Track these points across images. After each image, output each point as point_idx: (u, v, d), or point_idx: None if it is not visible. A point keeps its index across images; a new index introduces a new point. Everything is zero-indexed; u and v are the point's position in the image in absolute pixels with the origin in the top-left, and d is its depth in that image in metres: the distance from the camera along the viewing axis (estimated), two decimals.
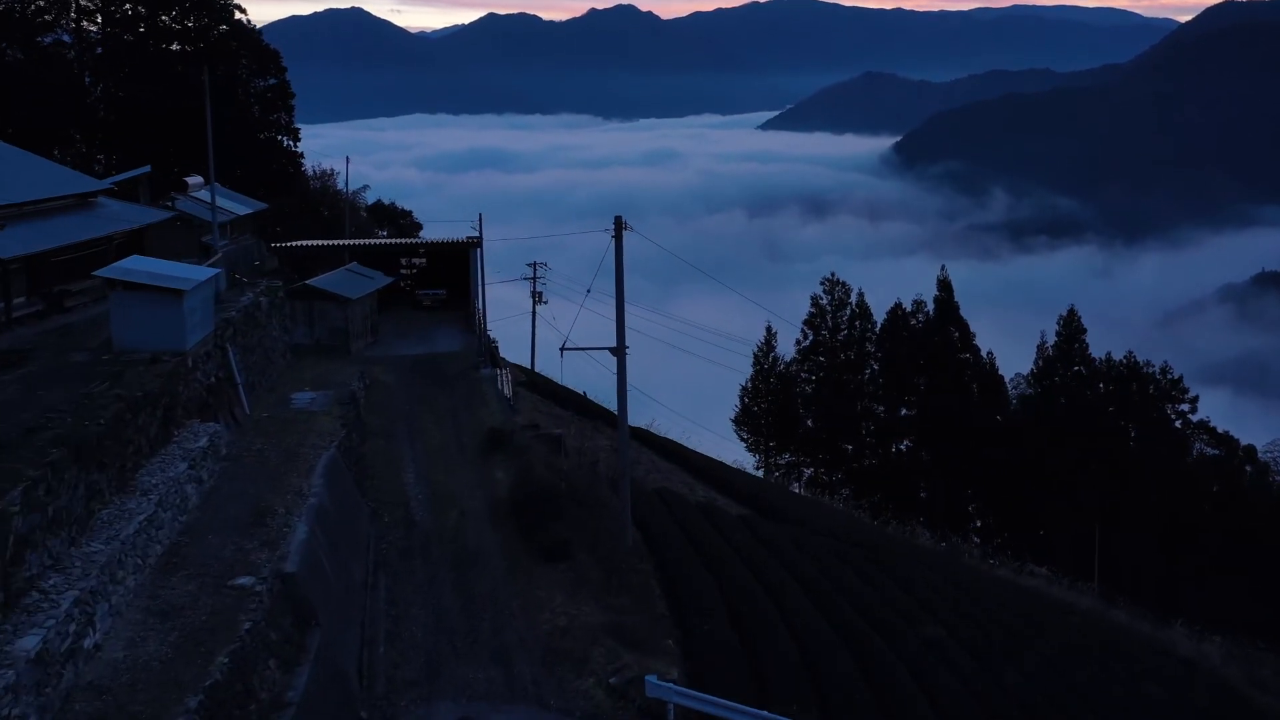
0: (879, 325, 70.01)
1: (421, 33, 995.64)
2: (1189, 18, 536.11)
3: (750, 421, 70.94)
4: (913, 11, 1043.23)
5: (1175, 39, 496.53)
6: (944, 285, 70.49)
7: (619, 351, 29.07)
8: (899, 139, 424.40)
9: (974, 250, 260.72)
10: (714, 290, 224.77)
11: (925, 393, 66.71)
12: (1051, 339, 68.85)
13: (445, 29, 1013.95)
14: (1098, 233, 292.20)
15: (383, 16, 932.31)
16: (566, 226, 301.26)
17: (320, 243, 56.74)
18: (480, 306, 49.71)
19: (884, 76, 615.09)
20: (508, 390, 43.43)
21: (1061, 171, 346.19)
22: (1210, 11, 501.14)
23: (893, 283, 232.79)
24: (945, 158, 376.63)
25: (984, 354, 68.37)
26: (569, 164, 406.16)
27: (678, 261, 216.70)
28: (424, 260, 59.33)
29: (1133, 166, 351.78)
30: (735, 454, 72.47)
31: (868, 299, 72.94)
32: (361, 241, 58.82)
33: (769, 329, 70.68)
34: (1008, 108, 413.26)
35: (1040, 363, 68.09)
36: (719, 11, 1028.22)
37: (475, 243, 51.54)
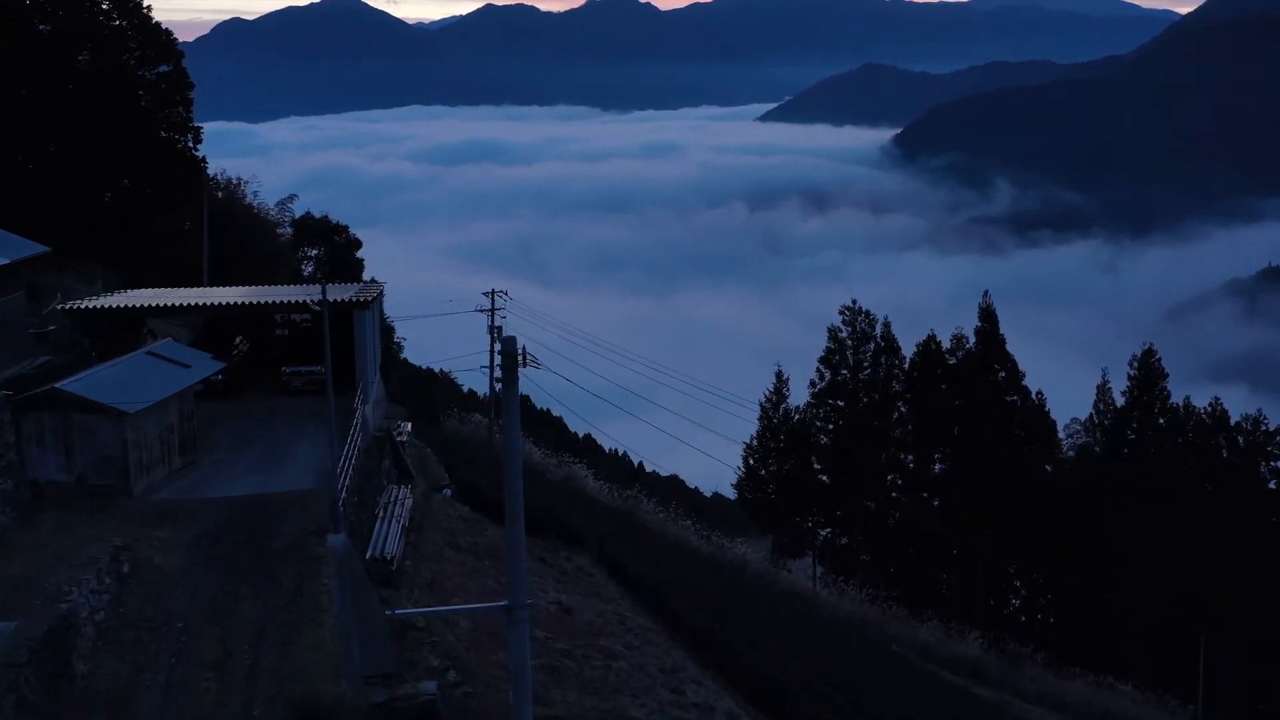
0: (907, 359, 59.45)
1: (419, 23, 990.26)
2: (1189, 9, 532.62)
3: (756, 488, 61.20)
4: (911, 3, 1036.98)
5: (1177, 30, 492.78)
6: (987, 315, 59.70)
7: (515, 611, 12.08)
8: (899, 131, 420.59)
9: (977, 244, 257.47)
10: (715, 284, 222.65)
11: (963, 442, 56.10)
12: (1119, 380, 58.02)
13: (443, 20, 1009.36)
14: (1101, 226, 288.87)
15: (380, 7, 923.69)
16: (564, 219, 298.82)
17: (136, 299, 38.47)
18: (363, 401, 34.24)
19: (883, 68, 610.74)
20: (390, 546, 27.78)
21: (1064, 164, 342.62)
22: (1213, 3, 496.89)
23: (896, 278, 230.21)
24: (946, 150, 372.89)
25: (1034, 394, 58.08)
26: (566, 156, 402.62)
27: (677, 256, 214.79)
28: (308, 320, 40.61)
29: (1136, 159, 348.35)
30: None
31: (869, 291, 68.02)
32: (207, 295, 40.34)
33: (779, 375, 59.59)
34: (1009, 99, 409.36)
35: (1101, 406, 58.18)
36: (717, 2, 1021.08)
37: (362, 303, 36.20)
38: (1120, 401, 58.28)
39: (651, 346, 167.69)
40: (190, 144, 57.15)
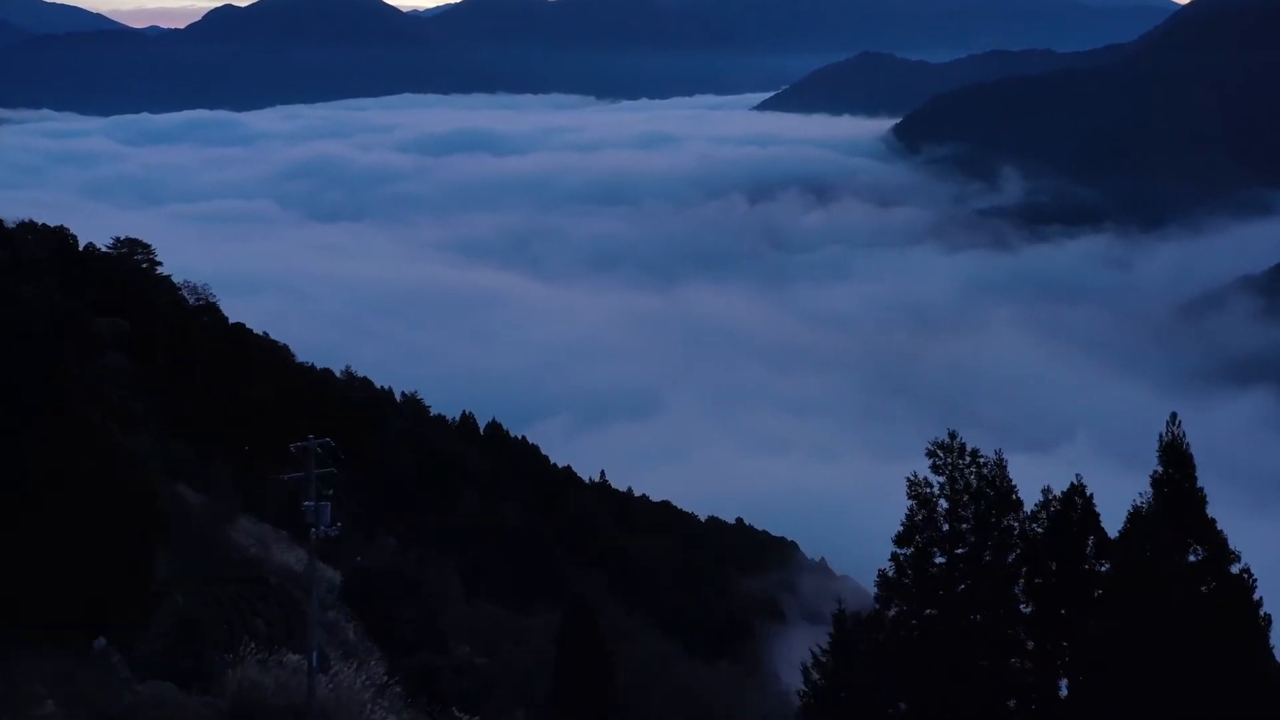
0: (1024, 513, 34.36)
1: (413, 11, 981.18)
2: None
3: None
4: None
5: (1180, 18, 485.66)
6: (1174, 454, 28.27)
7: None
8: (899, 121, 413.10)
9: (984, 238, 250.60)
10: (717, 280, 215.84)
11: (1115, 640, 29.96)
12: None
13: (437, 8, 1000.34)
14: (1111, 220, 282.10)
15: None
16: (558, 212, 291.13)
17: None
18: None
19: (881, 57, 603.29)
20: None
21: (1069, 154, 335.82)
22: None
23: (902, 274, 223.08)
24: (948, 140, 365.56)
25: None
26: (561, 146, 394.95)
27: (676, 250, 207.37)
28: None
29: (1142, 150, 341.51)
30: None
31: (875, 288, 58.85)
32: None
33: (840, 610, 35.34)
34: (1011, 89, 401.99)
35: None
36: None
37: None
38: None
39: (656, 346, 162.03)
40: None
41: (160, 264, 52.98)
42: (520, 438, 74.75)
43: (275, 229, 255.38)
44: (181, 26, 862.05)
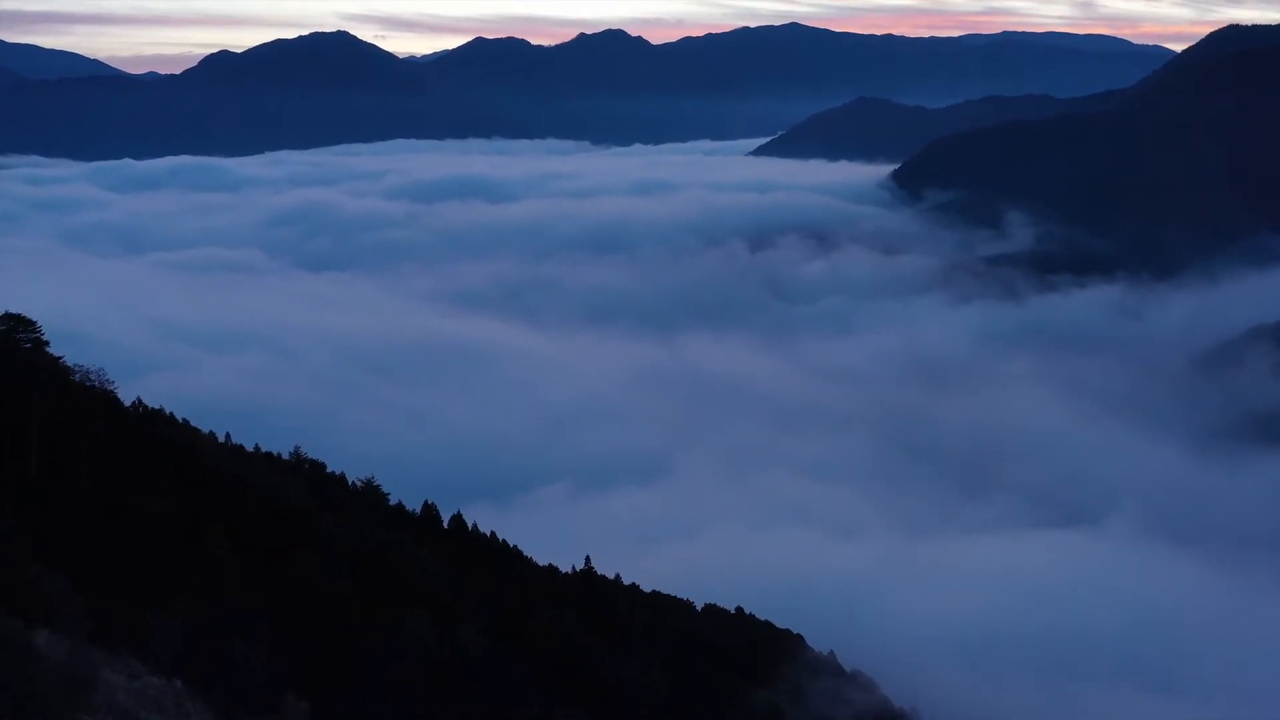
0: None
1: (409, 57, 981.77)
2: (1181, 45, 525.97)
3: None
4: (903, 37, 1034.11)
5: (1179, 64, 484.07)
6: None
7: None
8: (897, 166, 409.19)
9: (992, 287, 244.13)
10: (718, 332, 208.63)
11: None
12: None
13: (433, 54, 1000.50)
14: (1121, 268, 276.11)
15: (369, 41, 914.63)
16: (552, 261, 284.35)
17: None
18: None
19: (877, 102, 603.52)
20: None
21: (1075, 200, 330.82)
22: (1214, 36, 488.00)
23: (908, 325, 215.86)
24: (948, 186, 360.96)
25: None
26: (556, 193, 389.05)
27: (676, 300, 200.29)
28: None
29: (1146, 195, 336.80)
30: None
31: (882, 341, 52.66)
32: None
33: None
34: (1011, 134, 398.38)
35: None
36: (709, 36, 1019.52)
37: None
38: None
39: (659, 404, 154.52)
40: None
41: (48, 343, 44.48)
42: (489, 534, 66.15)
43: (260, 278, 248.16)
44: (178, 72, 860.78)
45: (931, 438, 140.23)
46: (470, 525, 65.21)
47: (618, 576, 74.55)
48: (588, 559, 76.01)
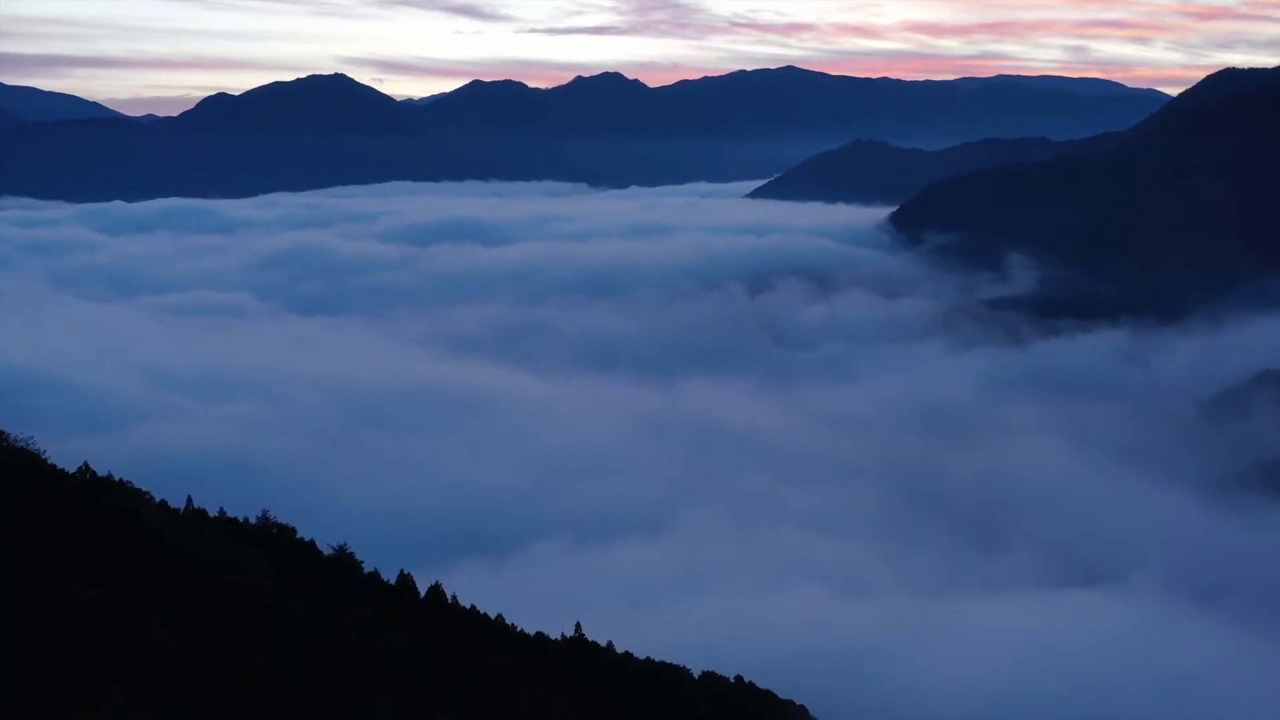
0: None
1: (407, 100, 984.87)
2: (1175, 89, 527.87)
3: None
4: (898, 81, 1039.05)
5: (1176, 107, 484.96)
6: None
7: None
8: (895, 209, 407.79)
9: (994, 331, 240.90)
10: (718, 379, 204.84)
11: None
12: None
13: (431, 96, 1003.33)
14: (1122, 310, 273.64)
15: (367, 84, 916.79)
16: (548, 304, 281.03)
17: None
18: None
19: (874, 144, 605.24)
20: None
21: (1076, 243, 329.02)
22: (1211, 80, 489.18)
23: (911, 371, 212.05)
24: (947, 228, 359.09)
25: None
26: (553, 235, 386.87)
27: (674, 345, 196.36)
28: None
29: (1147, 238, 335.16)
30: None
31: (885, 387, 49.02)
32: None
33: None
34: (1009, 176, 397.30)
35: None
36: (705, 80, 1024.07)
37: None
38: None
39: (660, 453, 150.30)
40: None
41: None
42: (470, 607, 61.20)
43: (251, 322, 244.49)
44: (175, 114, 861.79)
45: (940, 488, 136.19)
46: (450, 596, 60.76)
47: (610, 644, 70.17)
48: (578, 626, 71.76)
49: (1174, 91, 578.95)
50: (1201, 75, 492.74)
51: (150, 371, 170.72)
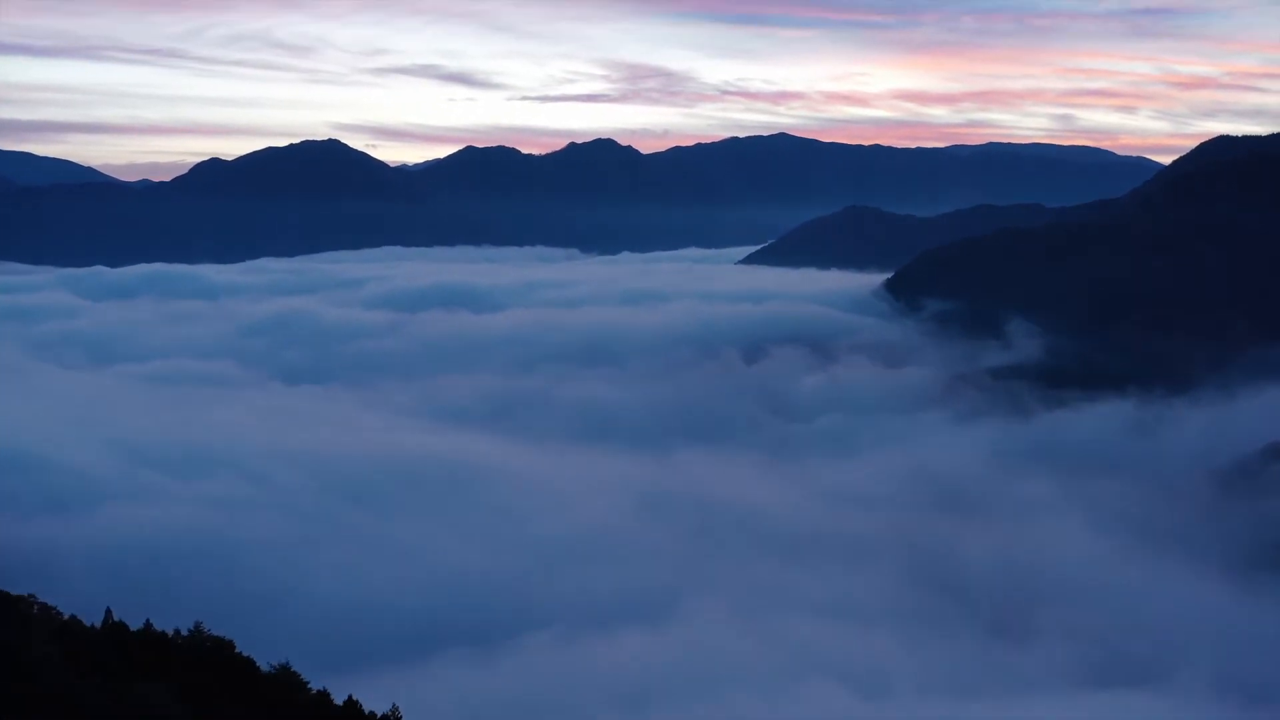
0: None
1: (400, 165, 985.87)
2: (1162, 158, 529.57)
3: None
4: (890, 148, 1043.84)
5: (1172, 174, 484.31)
6: None
7: None
8: (890, 275, 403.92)
9: (999, 402, 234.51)
10: (716, 451, 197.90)
11: None
12: None
13: (424, 162, 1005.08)
14: (1129, 380, 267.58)
15: (360, 149, 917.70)
16: (540, 373, 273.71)
17: None
18: None
19: (867, 210, 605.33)
20: None
21: (1077, 311, 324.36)
22: (1205, 147, 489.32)
23: (914, 443, 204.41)
24: (945, 295, 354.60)
25: None
26: (544, 302, 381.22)
27: (670, 416, 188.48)
28: None
29: (1149, 306, 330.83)
30: None
31: (889, 461, 42.72)
32: None
33: None
34: (1005, 242, 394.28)
35: None
36: (698, 146, 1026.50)
37: None
38: None
39: (659, 535, 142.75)
40: None
41: None
42: None
43: (233, 391, 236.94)
44: (168, 179, 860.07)
45: (956, 572, 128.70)
46: None
47: None
48: None
49: (1162, 159, 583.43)
50: (1188, 143, 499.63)
51: (124, 445, 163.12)
